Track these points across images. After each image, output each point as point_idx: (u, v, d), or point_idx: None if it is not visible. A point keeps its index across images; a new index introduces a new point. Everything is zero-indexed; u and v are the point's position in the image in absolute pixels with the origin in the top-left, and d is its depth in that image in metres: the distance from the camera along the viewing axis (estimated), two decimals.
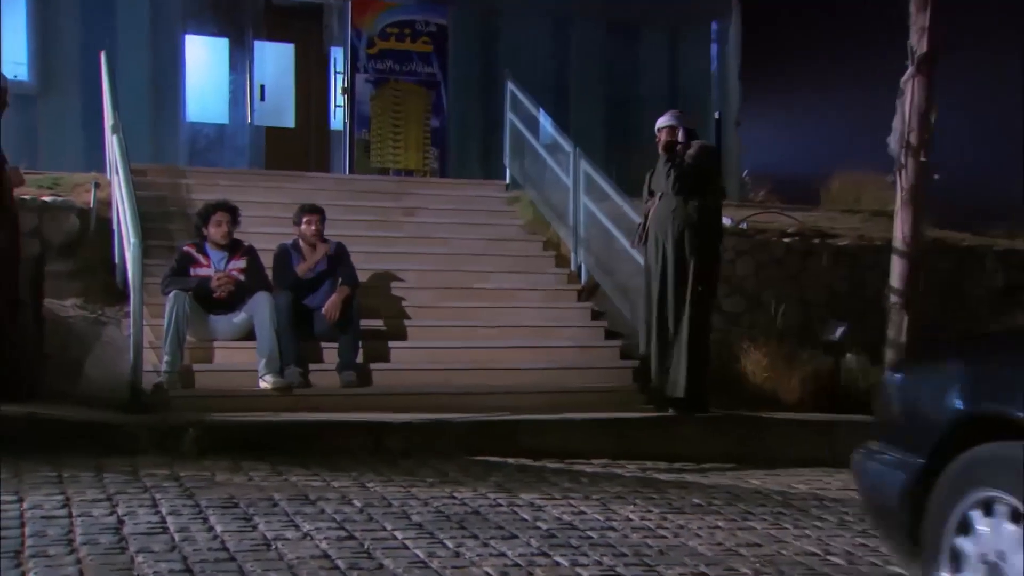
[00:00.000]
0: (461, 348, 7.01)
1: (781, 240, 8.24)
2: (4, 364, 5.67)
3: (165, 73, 10.66)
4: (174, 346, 6.13)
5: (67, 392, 6.03)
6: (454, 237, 8.35)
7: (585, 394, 6.70)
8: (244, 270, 6.57)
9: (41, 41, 10.26)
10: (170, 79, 10.70)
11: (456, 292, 7.63)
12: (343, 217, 8.05)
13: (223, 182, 8.49)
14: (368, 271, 7.43)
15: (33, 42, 10.27)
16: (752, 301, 7.92)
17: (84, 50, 10.09)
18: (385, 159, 10.55)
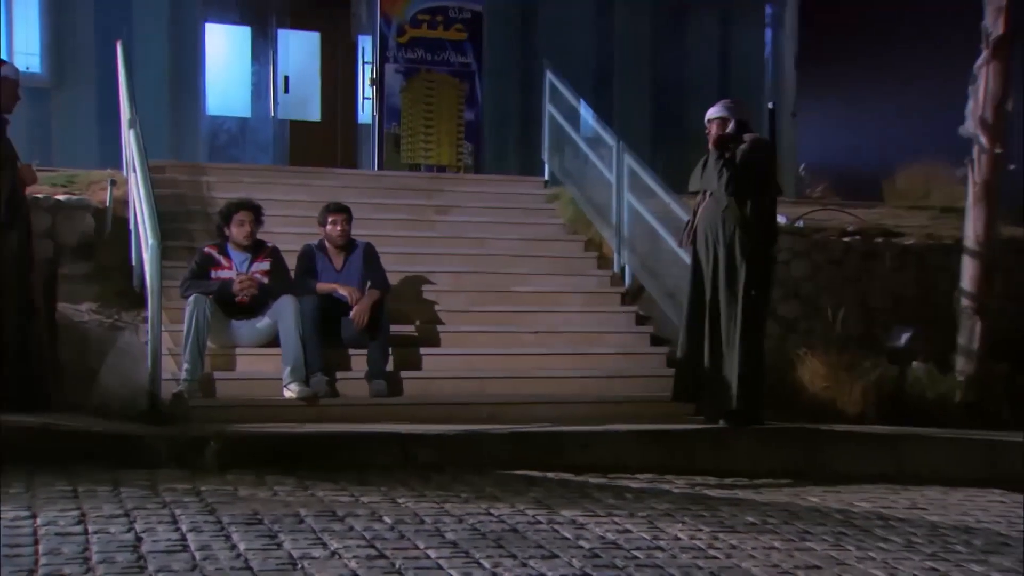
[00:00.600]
0: (497, 355, 7.03)
1: (840, 239, 8.18)
2: (16, 373, 5.74)
3: (184, 64, 10.77)
4: (194, 353, 6.19)
5: (82, 402, 6.11)
6: (490, 237, 8.36)
7: (630, 404, 6.69)
8: (268, 272, 6.63)
9: (54, 31, 10.40)
10: (189, 70, 10.81)
11: (492, 296, 7.64)
12: (372, 216, 8.09)
13: (245, 179, 8.57)
14: (399, 274, 7.46)
15: (46, 32, 10.41)
16: (809, 306, 7.86)
17: (99, 40, 10.22)
18: (416, 154, 10.59)
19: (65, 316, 6.77)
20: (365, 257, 6.94)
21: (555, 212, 9.01)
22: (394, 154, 10.56)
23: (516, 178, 9.92)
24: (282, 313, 6.40)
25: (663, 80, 11.96)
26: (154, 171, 7.30)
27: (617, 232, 8.15)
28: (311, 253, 6.89)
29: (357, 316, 6.54)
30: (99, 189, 7.79)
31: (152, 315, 6.04)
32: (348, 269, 6.89)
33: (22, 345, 5.79)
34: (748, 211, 6.16)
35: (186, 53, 10.80)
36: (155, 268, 6.06)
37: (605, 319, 7.63)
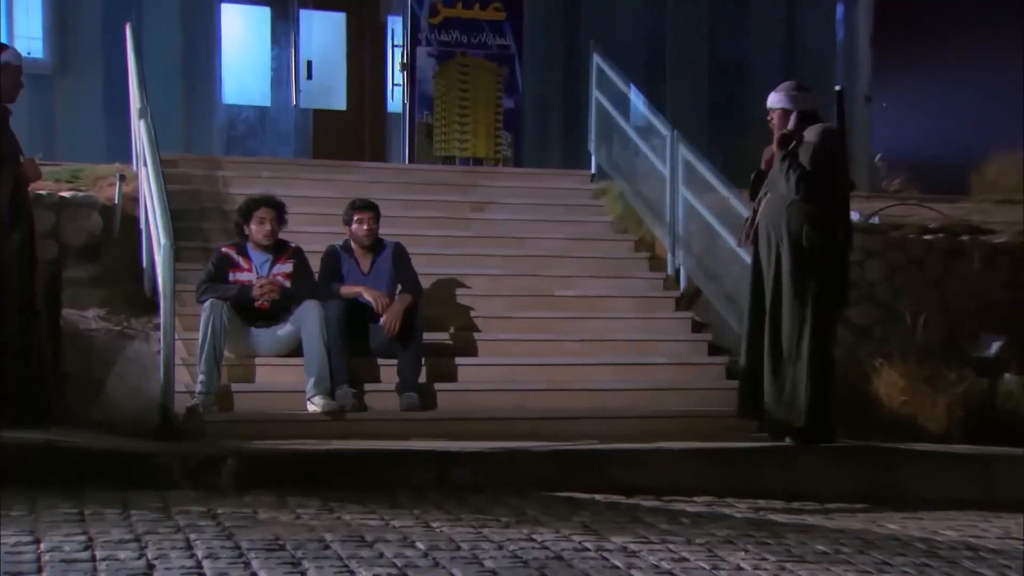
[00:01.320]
0: (539, 365, 7.03)
1: (921, 237, 8.09)
2: (17, 384, 5.77)
3: (199, 48, 10.86)
4: (210, 363, 6.24)
5: (88, 416, 6.16)
6: (530, 236, 8.37)
7: (685, 419, 6.67)
8: (290, 275, 6.66)
9: (58, 12, 10.51)
10: (204, 55, 10.91)
11: (533, 300, 7.64)
12: (402, 214, 8.11)
13: (265, 173, 8.63)
14: (431, 276, 7.48)
15: (48, 14, 10.52)
16: (885, 311, 7.78)
17: (106, 23, 10.32)
18: (450, 146, 10.62)
19: (70, 323, 6.84)
20: (394, 258, 6.96)
21: (602, 209, 8.99)
22: (426, 146, 10.58)
23: (559, 171, 9.92)
24: (305, 320, 6.43)
25: (721, 62, 11.90)
26: (166, 165, 7.36)
27: (671, 230, 8.12)
28: (336, 254, 6.92)
29: (388, 323, 6.55)
30: (107, 185, 7.87)
31: (164, 322, 6.09)
32: (376, 272, 6.91)
33: (23, 354, 5.83)
34: (817, 204, 6.07)
35: (200, 36, 10.89)
36: (168, 271, 6.10)
37: (657, 326, 7.61)
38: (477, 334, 7.24)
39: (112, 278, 7.28)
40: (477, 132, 10.68)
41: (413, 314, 6.63)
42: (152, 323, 6.90)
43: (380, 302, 6.61)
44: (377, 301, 6.61)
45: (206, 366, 6.24)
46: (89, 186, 7.91)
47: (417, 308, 6.70)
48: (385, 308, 6.58)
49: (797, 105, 6.19)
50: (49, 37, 10.49)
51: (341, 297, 6.64)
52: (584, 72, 9.91)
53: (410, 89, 10.59)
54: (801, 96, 6.25)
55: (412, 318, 6.62)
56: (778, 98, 6.25)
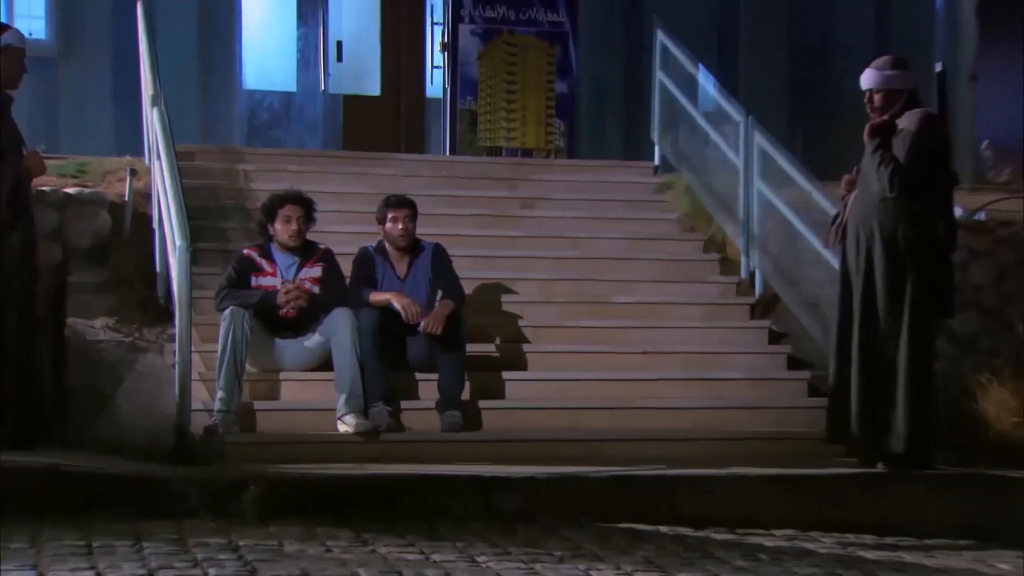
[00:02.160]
0: (596, 381, 7.02)
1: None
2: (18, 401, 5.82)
3: (217, 28, 10.94)
4: (230, 378, 6.27)
5: (96, 437, 6.22)
6: (586, 236, 8.36)
7: (762, 442, 6.63)
8: (319, 280, 6.69)
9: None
10: (223, 36, 10.97)
11: (589, 308, 7.63)
12: (442, 211, 8.13)
13: (291, 167, 8.67)
14: (475, 281, 7.49)
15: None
16: (992, 318, 7.69)
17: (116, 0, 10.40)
18: (497, 135, 10.63)
19: (76, 333, 6.90)
20: (434, 261, 6.96)
21: (667, 205, 8.97)
22: (469, 135, 10.60)
23: (618, 163, 9.90)
24: (336, 330, 6.45)
25: (802, 39, 11.80)
26: (181, 157, 7.42)
27: (745, 229, 8.08)
28: (368, 257, 6.93)
29: (430, 323, 6.54)
30: (116, 180, 7.93)
31: (180, 332, 6.13)
32: (413, 276, 6.92)
33: (25, 368, 5.87)
34: (915, 202, 5.97)
35: (219, 15, 10.95)
36: (184, 275, 6.15)
37: (729, 336, 7.57)
38: (526, 346, 7.23)
39: (122, 284, 7.34)
40: (526, 120, 10.69)
41: (455, 323, 6.63)
42: (166, 334, 6.95)
43: (410, 311, 6.60)
44: (407, 310, 6.60)
45: (226, 381, 6.27)
46: (97, 182, 7.98)
47: (459, 316, 6.70)
48: (416, 317, 6.57)
49: (897, 84, 6.05)
50: (52, 16, 10.59)
51: (371, 305, 6.65)
52: (646, 51, 9.88)
53: (451, 72, 10.61)
54: (901, 75, 6.08)
55: (454, 327, 6.62)
56: (875, 76, 6.07)
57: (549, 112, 10.70)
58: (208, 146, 9.29)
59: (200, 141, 9.59)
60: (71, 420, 6.27)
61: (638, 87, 10.69)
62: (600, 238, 8.36)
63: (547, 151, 10.63)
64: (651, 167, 9.51)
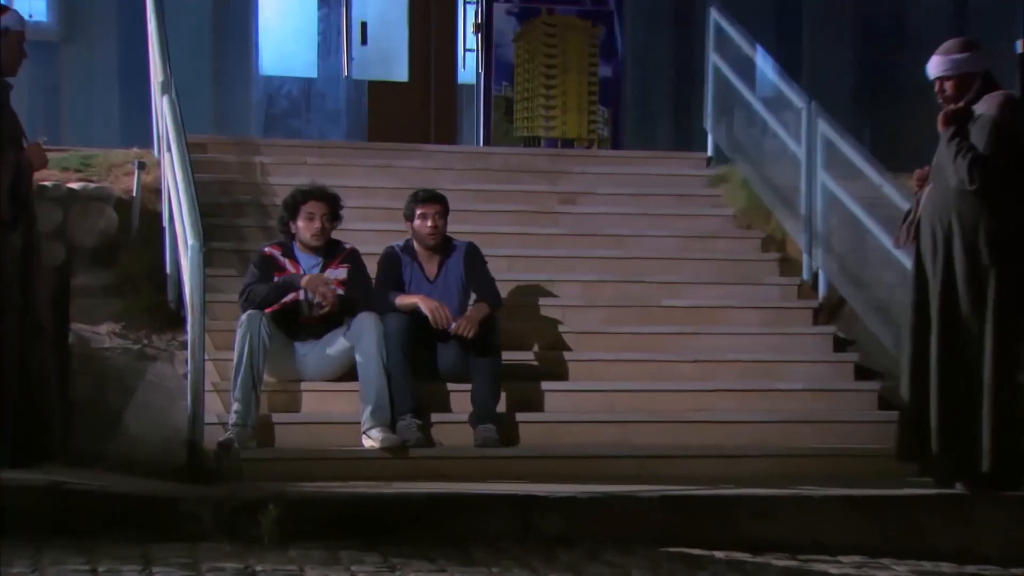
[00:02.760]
0: (644, 392, 7.01)
1: None
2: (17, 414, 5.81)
3: (232, 9, 11.00)
4: (247, 389, 6.29)
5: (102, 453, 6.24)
6: (632, 234, 8.35)
7: (827, 459, 6.60)
8: (344, 282, 6.70)
9: None
10: (239, 18, 11.04)
11: (636, 312, 7.63)
12: (476, 207, 8.15)
13: (311, 159, 8.71)
14: (511, 283, 7.50)
15: None
16: None
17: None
18: (535, 124, 10.62)
19: (80, 340, 6.94)
20: (467, 261, 6.96)
21: (721, 199, 8.95)
22: (505, 124, 10.60)
23: (668, 154, 9.88)
24: (361, 336, 6.45)
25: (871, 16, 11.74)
26: (194, 149, 7.46)
27: (807, 226, 8.05)
28: (395, 257, 6.92)
29: (462, 325, 6.53)
30: (123, 174, 7.99)
31: (192, 339, 6.16)
32: (444, 278, 6.92)
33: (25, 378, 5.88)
34: (998, 195, 5.89)
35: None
36: (197, 277, 6.17)
37: (790, 343, 7.54)
38: (567, 353, 7.23)
39: (130, 287, 7.39)
40: (567, 107, 10.67)
41: (490, 329, 6.63)
42: (177, 341, 6.98)
43: (439, 314, 6.59)
44: (435, 313, 6.59)
45: (242, 392, 6.28)
46: (102, 176, 8.03)
47: (494, 321, 6.69)
48: (445, 322, 6.57)
49: (969, 67, 5.94)
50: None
51: (399, 310, 6.65)
52: (699, 31, 9.86)
53: (485, 55, 10.62)
54: (972, 57, 5.95)
55: (489, 333, 6.62)
56: (943, 62, 5.96)
57: (592, 99, 10.68)
58: (222, 137, 9.35)
59: (214, 132, 9.66)
60: (75, 434, 6.30)
61: (689, 70, 10.67)
62: (648, 236, 8.35)
63: (589, 141, 10.62)
64: (703, 158, 9.50)
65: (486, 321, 6.63)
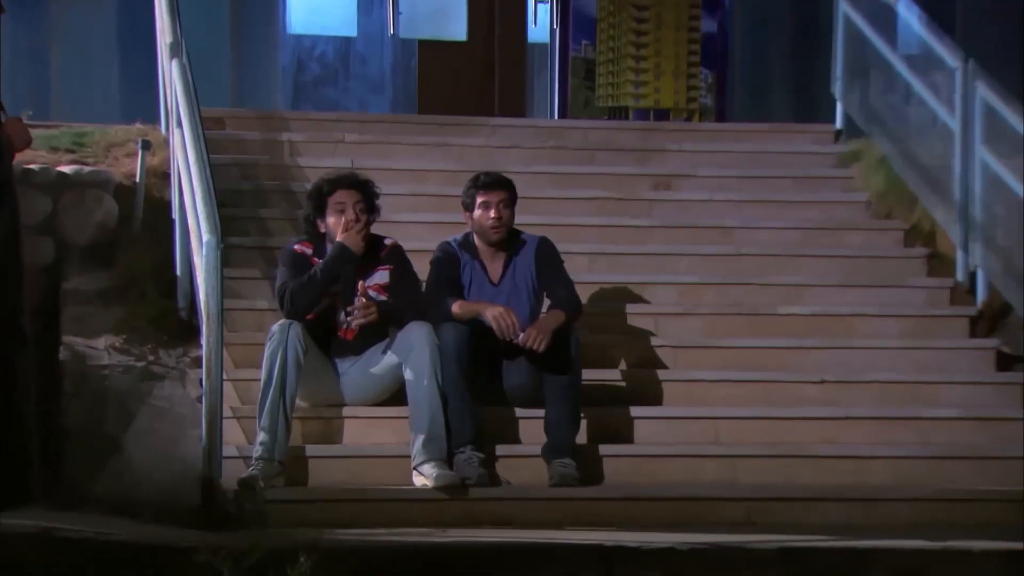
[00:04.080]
0: (756, 419, 6.99)
1: None
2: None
3: None
4: (275, 414, 6.31)
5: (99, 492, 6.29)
6: (742, 226, 8.36)
7: (987, 504, 6.54)
8: (387, 287, 6.72)
9: None
10: None
11: (746, 322, 7.62)
12: (549, 194, 8.19)
13: (350, 137, 8.77)
14: (592, 286, 7.53)
15: None
16: None
17: None
18: (621, 93, 10.62)
19: (73, 356, 7.00)
20: (538, 260, 6.93)
21: (853, 182, 8.92)
22: (585, 92, 10.60)
23: (786, 127, 9.86)
24: (411, 351, 6.46)
25: None
26: (209, 125, 7.51)
27: (962, 214, 8.01)
28: (452, 255, 6.91)
29: (531, 336, 6.51)
30: (124, 155, 8.04)
31: (208, 355, 6.18)
32: (510, 279, 6.90)
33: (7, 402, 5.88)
34: None
35: None
36: (213, 280, 6.19)
37: (941, 360, 7.49)
38: (662, 372, 7.22)
39: (133, 291, 7.43)
40: (661, 71, 10.66)
41: (566, 341, 6.60)
42: (189, 357, 7.03)
43: (504, 322, 6.55)
44: (501, 320, 6.57)
45: (269, 419, 6.31)
46: (99, 157, 8.09)
47: (573, 333, 6.68)
48: (513, 331, 6.54)
49: None
50: None
51: (456, 318, 6.64)
52: None
53: (561, 8, 10.61)
54: None
55: (565, 347, 6.59)
56: None
57: (692, 60, 10.67)
58: (243, 110, 9.43)
59: (233, 104, 9.73)
60: (67, 470, 6.35)
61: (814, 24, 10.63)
62: (761, 228, 8.34)
63: (689, 112, 10.61)
64: (831, 131, 9.47)
65: (561, 331, 6.61)
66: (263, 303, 7.17)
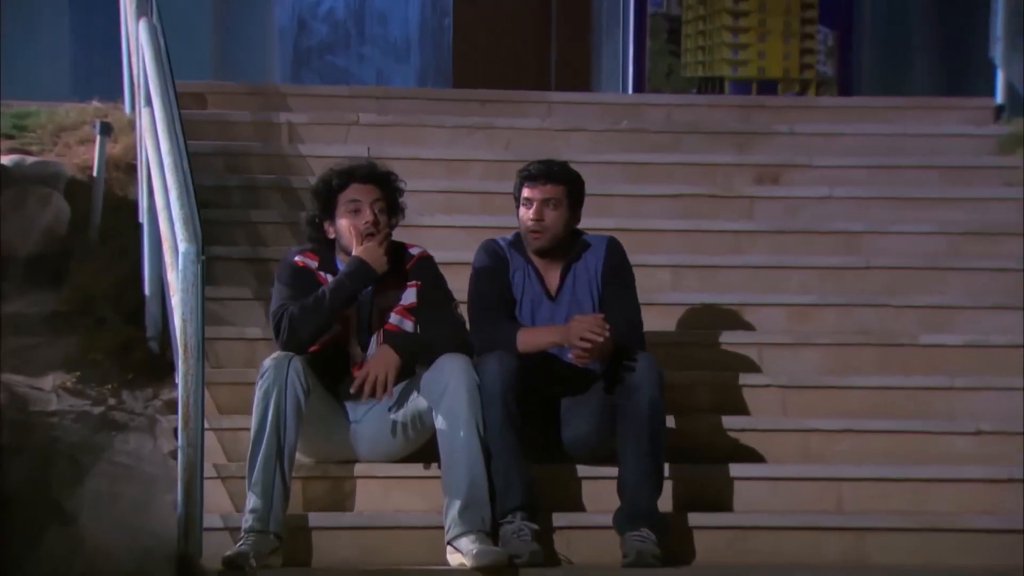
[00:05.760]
0: (892, 481, 6.97)
1: None
2: None
3: None
4: (270, 474, 6.32)
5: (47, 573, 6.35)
6: (871, 231, 8.39)
7: None
8: (413, 308, 6.75)
9: None
10: None
11: (877, 354, 7.65)
12: (622, 190, 8.24)
13: (366, 117, 8.83)
14: (676, 308, 7.59)
15: None
16: None
17: None
18: (715, 59, 10.65)
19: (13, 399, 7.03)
20: (607, 271, 6.92)
21: (1017, 174, 8.91)
22: (668, 59, 10.63)
23: (928, 101, 9.89)
24: (444, 390, 6.45)
25: None
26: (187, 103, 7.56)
27: None
28: (500, 259, 6.93)
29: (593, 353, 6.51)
30: (77, 142, 8.10)
31: (185, 398, 6.18)
32: (570, 291, 6.88)
33: None
34: None
35: None
36: (192, 301, 6.19)
37: None
38: (768, 419, 7.25)
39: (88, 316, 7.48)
40: (767, 30, 10.69)
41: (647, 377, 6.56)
42: (162, 400, 7.07)
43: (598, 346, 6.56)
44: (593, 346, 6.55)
45: (262, 480, 6.33)
46: (46, 144, 8.15)
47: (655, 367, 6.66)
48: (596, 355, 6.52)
49: None
50: None
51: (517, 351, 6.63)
52: None
53: None
54: None
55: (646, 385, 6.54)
56: None
57: (807, 17, 10.70)
58: (230, 84, 9.50)
59: (216, 76, 9.78)
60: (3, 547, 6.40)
61: None
62: (896, 233, 8.36)
63: (803, 84, 10.63)
64: (990, 108, 9.51)
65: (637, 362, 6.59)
66: (255, 331, 7.21)
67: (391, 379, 6.47)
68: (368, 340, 6.65)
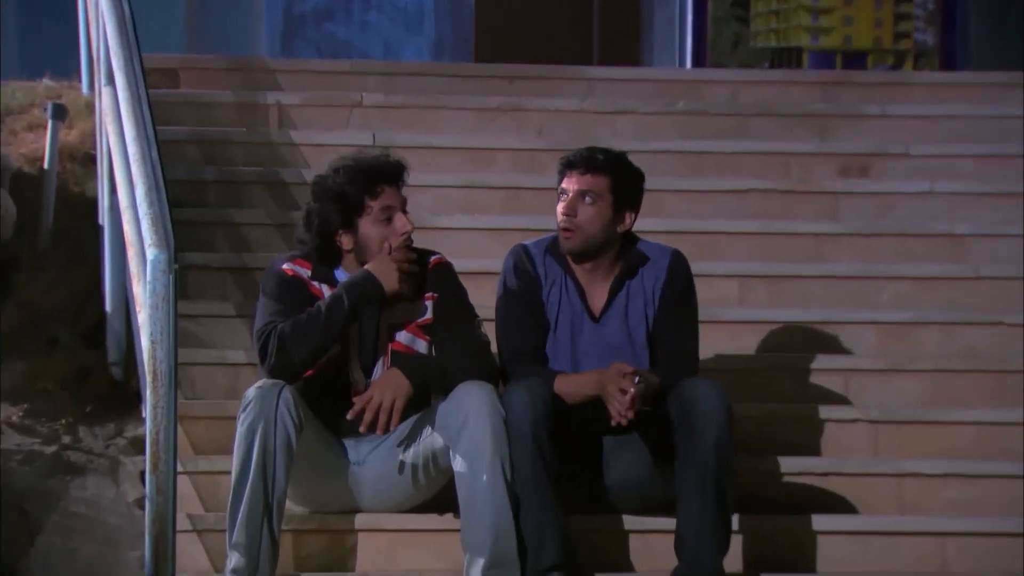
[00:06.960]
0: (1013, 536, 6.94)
1: None
2: None
3: None
4: (255, 527, 6.35)
5: None
6: (981, 233, 8.43)
7: None
8: (428, 326, 6.76)
9: None
10: None
11: (990, 381, 7.66)
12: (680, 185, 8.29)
13: (370, 97, 8.88)
14: (743, 328, 7.62)
15: None
16: None
17: None
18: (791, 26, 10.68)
19: None
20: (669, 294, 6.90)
21: None
22: (735, 27, 10.66)
23: None
24: (464, 427, 6.46)
25: None
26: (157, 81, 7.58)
27: None
28: (527, 282, 6.92)
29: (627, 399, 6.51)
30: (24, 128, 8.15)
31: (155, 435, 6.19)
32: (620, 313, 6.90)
33: None
34: None
35: None
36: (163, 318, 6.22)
37: None
38: (857, 461, 7.28)
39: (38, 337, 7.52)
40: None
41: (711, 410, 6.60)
42: (126, 438, 7.09)
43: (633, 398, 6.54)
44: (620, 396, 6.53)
45: (246, 533, 6.35)
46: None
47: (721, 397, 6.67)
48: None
49: None
50: None
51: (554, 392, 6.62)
52: None
53: None
54: None
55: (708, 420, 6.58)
56: None
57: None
58: (207, 58, 9.54)
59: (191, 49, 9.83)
60: None
61: None
62: (1010, 236, 8.38)
63: (897, 56, 10.64)
64: None
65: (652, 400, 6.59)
66: (238, 354, 7.22)
67: (398, 408, 6.45)
68: (373, 364, 6.65)
